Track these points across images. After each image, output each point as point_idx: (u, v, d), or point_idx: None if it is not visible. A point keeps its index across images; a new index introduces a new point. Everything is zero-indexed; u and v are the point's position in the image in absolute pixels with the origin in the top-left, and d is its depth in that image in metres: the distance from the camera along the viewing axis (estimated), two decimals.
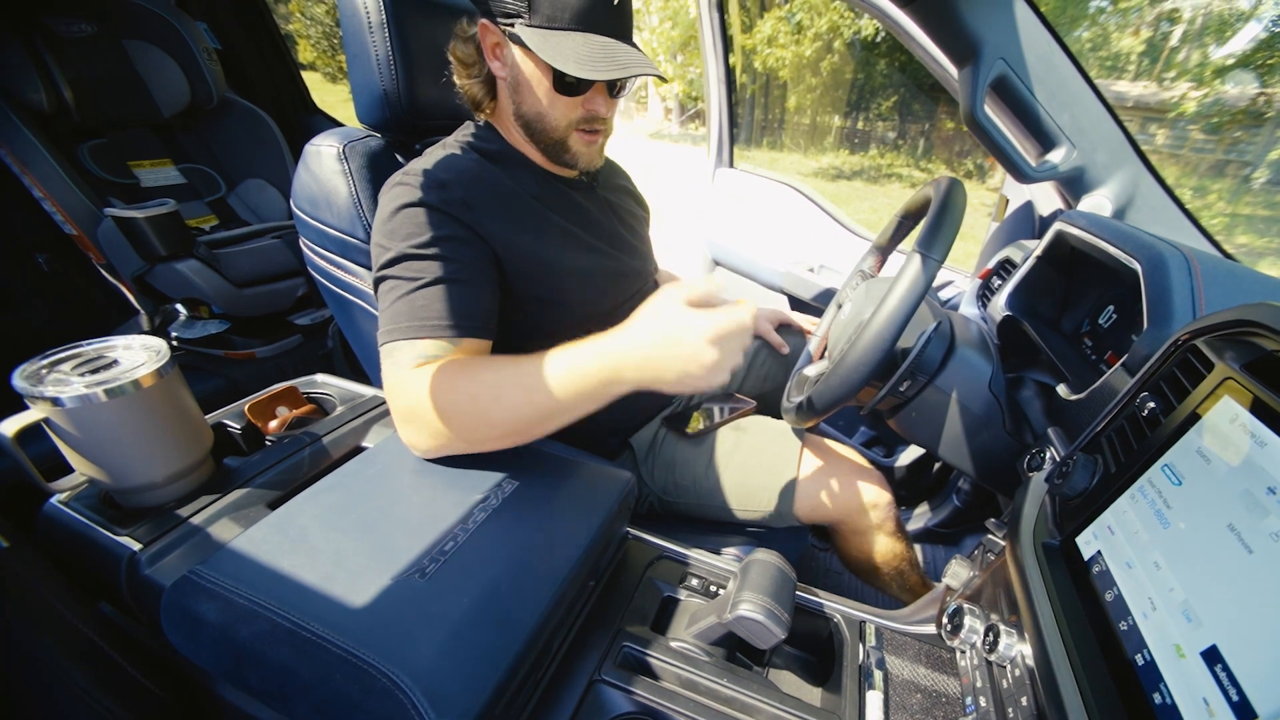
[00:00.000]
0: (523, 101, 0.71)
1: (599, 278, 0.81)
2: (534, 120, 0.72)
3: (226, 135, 1.91)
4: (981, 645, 0.48)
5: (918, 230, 0.67)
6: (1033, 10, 0.83)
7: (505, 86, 0.73)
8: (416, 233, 0.65)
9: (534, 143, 0.75)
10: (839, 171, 9.72)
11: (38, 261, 1.59)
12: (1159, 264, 0.63)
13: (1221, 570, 0.35)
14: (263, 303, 1.69)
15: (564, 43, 0.64)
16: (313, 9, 16.42)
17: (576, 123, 0.72)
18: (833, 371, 0.67)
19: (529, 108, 0.71)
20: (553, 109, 0.70)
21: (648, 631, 0.56)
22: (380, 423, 0.78)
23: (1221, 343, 0.45)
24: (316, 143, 0.84)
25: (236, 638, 0.44)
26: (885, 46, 9.20)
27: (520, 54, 0.68)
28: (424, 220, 0.65)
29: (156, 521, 0.58)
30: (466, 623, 0.46)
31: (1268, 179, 6.65)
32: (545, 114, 0.71)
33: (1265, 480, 0.35)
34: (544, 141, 0.74)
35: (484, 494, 0.60)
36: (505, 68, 0.70)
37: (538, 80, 0.68)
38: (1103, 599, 0.42)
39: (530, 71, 0.68)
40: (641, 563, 0.65)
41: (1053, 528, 0.51)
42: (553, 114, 0.71)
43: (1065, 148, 0.91)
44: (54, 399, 0.54)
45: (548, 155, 0.76)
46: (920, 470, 1.31)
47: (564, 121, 0.71)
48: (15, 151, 1.43)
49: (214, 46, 1.85)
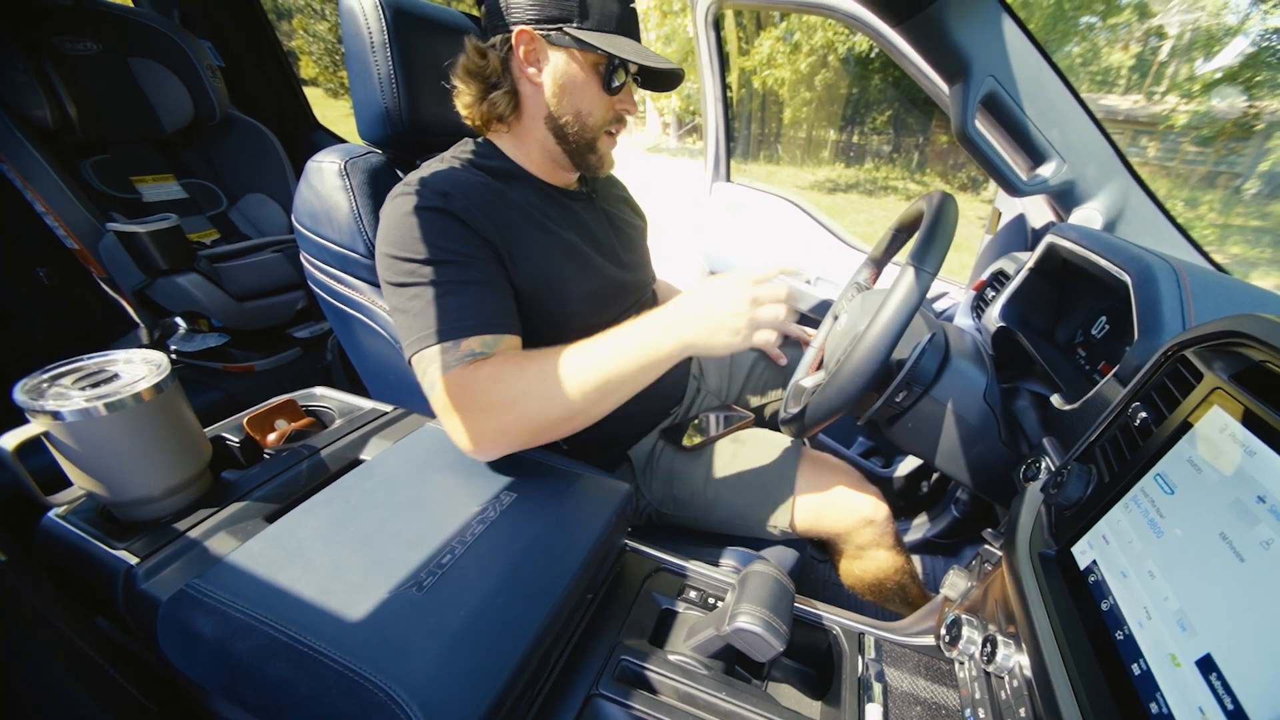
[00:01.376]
0: (564, 103, 0.73)
1: (599, 290, 0.82)
2: (573, 121, 0.75)
3: (229, 151, 1.93)
4: (980, 656, 0.48)
5: (912, 242, 0.68)
6: (1021, 29, 0.85)
7: (536, 93, 0.74)
8: (431, 239, 0.66)
9: (563, 146, 0.77)
10: (835, 184, 9.82)
11: (38, 275, 1.59)
12: (1148, 276, 0.64)
13: (1214, 579, 0.35)
14: (262, 316, 1.70)
15: (618, 42, 0.69)
16: (315, 26, 16.67)
17: (610, 123, 0.77)
18: (829, 383, 0.67)
19: (570, 109, 0.74)
20: (595, 108, 0.74)
21: (646, 645, 0.55)
22: (379, 435, 0.78)
23: (1210, 353, 0.45)
24: (318, 159, 0.86)
25: (233, 652, 0.44)
26: (879, 62, 9.36)
27: (566, 57, 0.71)
28: (437, 226, 0.67)
29: (154, 535, 0.58)
30: (464, 636, 0.45)
31: (1258, 190, 6.73)
32: (587, 114, 0.74)
33: (1255, 489, 0.35)
34: (578, 143, 0.77)
35: (482, 506, 0.60)
36: (543, 73, 0.72)
37: (585, 80, 0.72)
38: (1099, 608, 0.42)
39: (577, 72, 0.71)
40: (639, 575, 0.64)
41: (1049, 538, 0.51)
42: (595, 113, 0.75)
43: (1055, 162, 0.92)
44: (54, 413, 0.54)
45: (574, 158, 0.79)
46: (918, 480, 1.31)
47: (601, 120, 0.76)
48: (18, 166, 1.44)
49: (218, 64, 1.87)
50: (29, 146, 1.44)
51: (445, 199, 0.68)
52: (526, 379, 0.61)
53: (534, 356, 0.64)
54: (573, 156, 0.78)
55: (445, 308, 0.64)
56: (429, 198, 0.67)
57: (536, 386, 0.61)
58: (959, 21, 0.82)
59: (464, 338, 0.63)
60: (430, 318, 0.64)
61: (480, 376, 0.62)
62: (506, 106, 0.75)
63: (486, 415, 0.61)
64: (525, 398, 0.61)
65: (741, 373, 1.13)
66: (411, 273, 0.65)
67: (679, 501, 0.89)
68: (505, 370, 0.62)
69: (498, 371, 0.62)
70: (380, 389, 1.03)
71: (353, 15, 0.79)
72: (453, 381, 0.63)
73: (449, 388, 0.63)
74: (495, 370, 0.62)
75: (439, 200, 0.67)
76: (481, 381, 0.62)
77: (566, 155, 0.78)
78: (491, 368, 0.62)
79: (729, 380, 1.12)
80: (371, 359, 0.98)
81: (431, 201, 0.67)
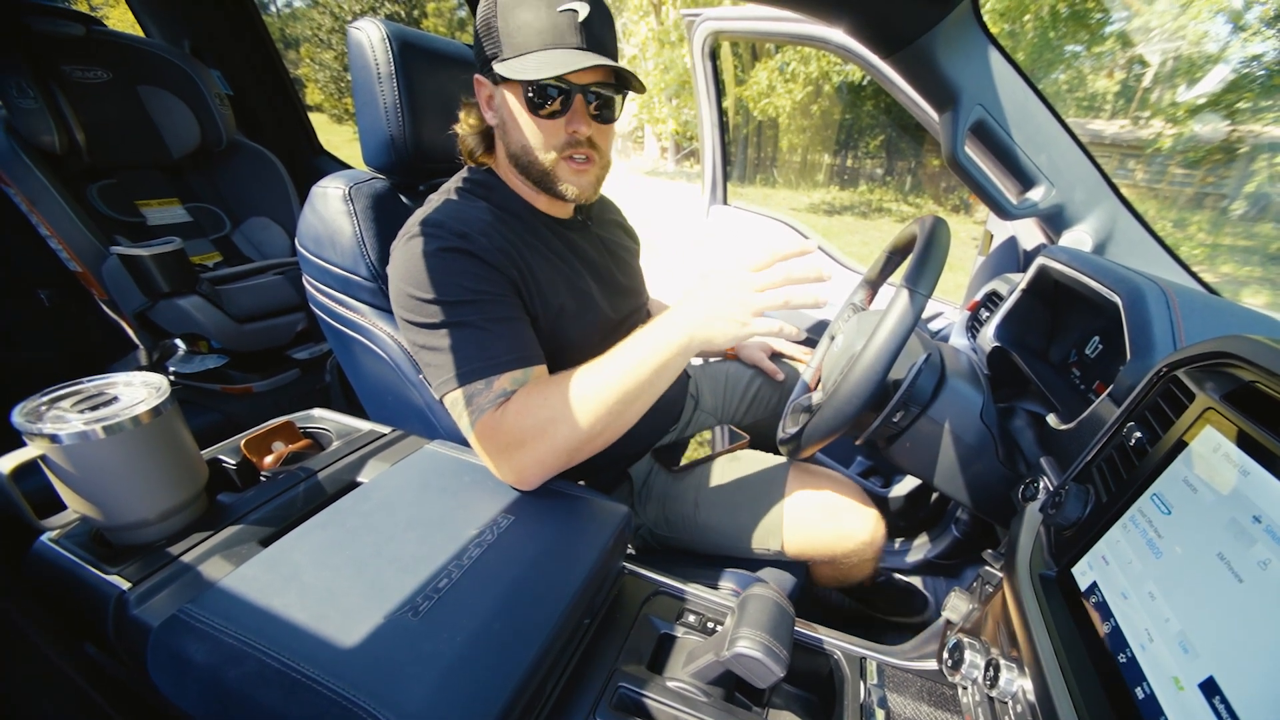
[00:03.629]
0: (510, 138, 0.74)
1: (599, 317, 0.83)
2: (522, 154, 0.74)
3: (233, 175, 1.96)
4: (983, 680, 0.48)
5: (906, 264, 0.69)
6: (1006, 60, 0.88)
7: (498, 133, 0.76)
8: (455, 279, 0.67)
9: (527, 179, 0.77)
10: (830, 206, 9.97)
11: (39, 297, 1.60)
12: (1138, 297, 0.65)
13: (1214, 600, 0.35)
14: (262, 338, 1.70)
15: (527, 60, 0.66)
16: (321, 55, 17.09)
17: (561, 148, 0.72)
18: (826, 403, 0.67)
19: (515, 142, 0.74)
20: (534, 136, 0.71)
21: (644, 671, 0.55)
22: (376, 457, 0.78)
23: (1201, 373, 0.46)
24: (323, 184, 0.87)
25: (224, 680, 0.43)
26: (872, 89, 9.60)
27: (502, 93, 0.71)
28: (459, 266, 0.68)
29: (147, 560, 0.57)
30: (459, 663, 0.45)
31: (1244, 211, 6.85)
32: (528, 143, 0.72)
33: (1250, 509, 0.35)
34: (534, 174, 0.75)
35: (479, 529, 0.59)
36: (495, 113, 0.74)
37: (517, 110, 0.71)
38: (1101, 631, 0.41)
39: (511, 105, 0.71)
40: (638, 598, 0.64)
41: (1049, 558, 0.51)
42: (535, 141, 0.71)
43: (1044, 186, 0.94)
44: (52, 435, 0.54)
45: (541, 188, 0.77)
46: (918, 500, 1.30)
47: (547, 147, 0.72)
48: (25, 191, 1.46)
49: (226, 92, 1.92)
50: (36, 172, 1.47)
51: (465, 239, 0.69)
52: (551, 406, 0.63)
53: (554, 382, 0.65)
54: (539, 186, 0.77)
55: (475, 346, 0.66)
56: (448, 239, 0.68)
57: (562, 411, 0.63)
58: (947, 53, 0.85)
59: (495, 375, 0.65)
60: (461, 356, 0.66)
61: (508, 415, 0.64)
62: (477, 146, 0.80)
63: (521, 451, 0.64)
64: (554, 424, 0.63)
65: (737, 392, 1.13)
66: (437, 313, 0.67)
67: (672, 523, 0.88)
68: (530, 402, 0.64)
69: (523, 405, 0.64)
70: (378, 410, 1.03)
71: (361, 48, 0.82)
72: (486, 425, 0.65)
73: (484, 432, 0.65)
74: (520, 405, 0.64)
75: (459, 241, 0.69)
76: (510, 419, 0.64)
77: (534, 187, 0.78)
78: (517, 403, 0.65)
79: (724, 399, 1.12)
80: (370, 380, 0.98)
81: (452, 243, 0.68)
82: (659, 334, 0.63)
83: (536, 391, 0.65)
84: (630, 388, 0.63)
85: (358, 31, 0.82)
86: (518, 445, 0.64)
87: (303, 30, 17.88)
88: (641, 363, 0.63)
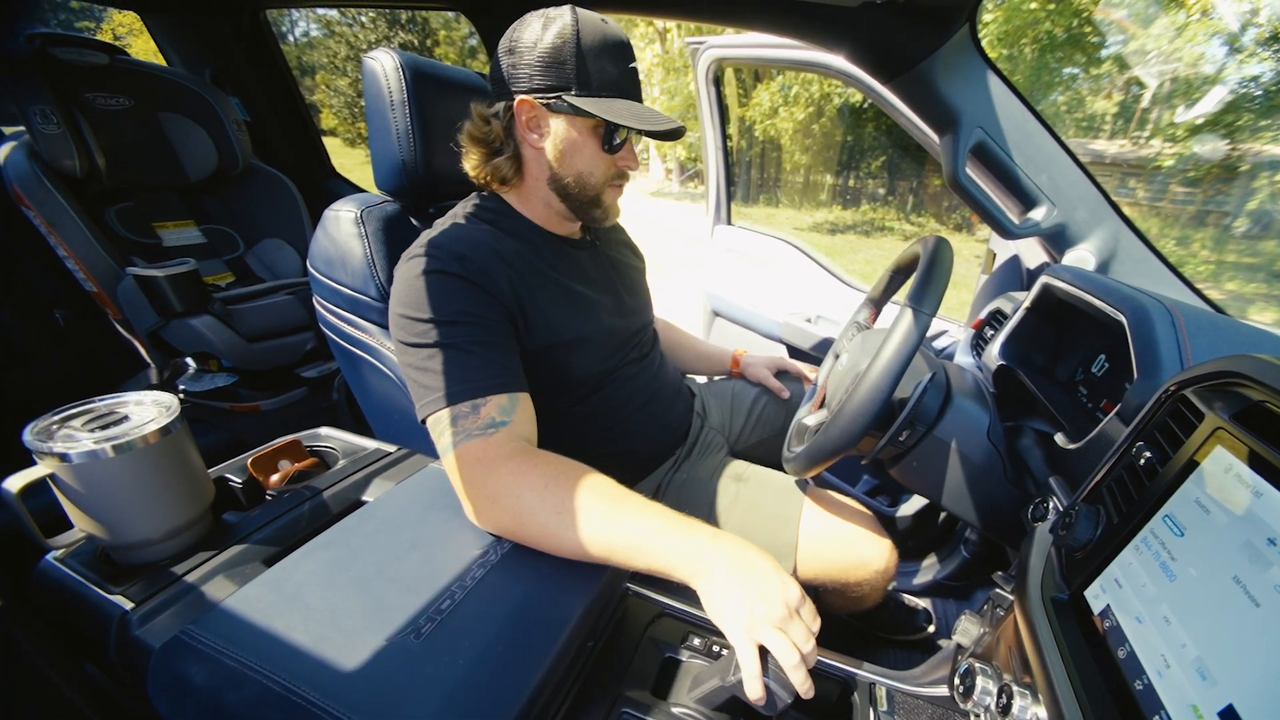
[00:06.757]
0: (566, 165, 0.76)
1: (605, 338, 0.84)
2: (574, 181, 0.77)
3: (249, 198, 2.00)
4: (995, 708, 0.46)
5: (910, 283, 0.70)
6: (1005, 83, 0.90)
7: (538, 156, 0.77)
8: (447, 301, 0.67)
9: (567, 202, 0.79)
10: (833, 226, 10.04)
11: (54, 317, 1.63)
12: (1143, 316, 0.65)
13: (1231, 624, 0.34)
14: (272, 357, 1.72)
15: (615, 106, 0.71)
16: (336, 81, 17.60)
17: (612, 179, 0.79)
18: (832, 422, 0.67)
19: (571, 170, 0.76)
20: (595, 168, 0.77)
21: (648, 696, 0.53)
22: (382, 476, 0.78)
23: (1209, 393, 0.45)
24: (336, 208, 0.89)
25: (224, 704, 0.43)
26: (873, 111, 9.75)
27: (566, 122, 0.73)
28: (451, 288, 0.68)
29: (151, 579, 0.57)
30: (461, 687, 0.44)
31: (1247, 228, 6.85)
32: (589, 174, 0.77)
33: (1265, 531, 0.35)
34: (581, 200, 0.79)
35: (483, 549, 0.59)
36: (544, 138, 0.75)
37: (584, 143, 0.75)
38: (1116, 656, 0.41)
39: (576, 136, 0.74)
40: (642, 621, 0.63)
41: (1060, 581, 0.50)
42: (596, 173, 0.77)
43: (1046, 206, 0.95)
44: (61, 454, 0.54)
45: (579, 211, 0.81)
46: (926, 520, 1.28)
47: (603, 178, 0.78)
48: (45, 214, 1.50)
49: (244, 119, 1.97)
50: (56, 195, 1.51)
51: (461, 262, 0.70)
52: (545, 504, 0.59)
53: (559, 479, 0.60)
54: (577, 211, 0.81)
55: (460, 368, 0.65)
56: (445, 261, 0.69)
57: (547, 515, 0.58)
58: (946, 77, 0.87)
59: (481, 398, 0.64)
60: (445, 378, 0.64)
61: (500, 465, 0.61)
62: (510, 170, 0.79)
63: (492, 505, 0.61)
64: (533, 515, 0.59)
65: (743, 409, 1.13)
66: (425, 333, 0.66)
67: None
68: (527, 478, 0.60)
69: (518, 474, 0.60)
70: (384, 429, 1.04)
71: (375, 76, 0.84)
72: (470, 454, 0.62)
73: (466, 458, 0.62)
74: (516, 470, 0.60)
75: (455, 264, 0.69)
76: (500, 472, 0.60)
77: (571, 210, 0.81)
78: (515, 464, 0.61)
79: (730, 416, 1.12)
80: (377, 399, 0.99)
81: (448, 266, 0.69)
82: (676, 543, 0.56)
83: (538, 473, 0.60)
84: (618, 550, 0.57)
85: (372, 61, 0.85)
86: (493, 499, 0.60)
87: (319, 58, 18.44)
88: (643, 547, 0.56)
